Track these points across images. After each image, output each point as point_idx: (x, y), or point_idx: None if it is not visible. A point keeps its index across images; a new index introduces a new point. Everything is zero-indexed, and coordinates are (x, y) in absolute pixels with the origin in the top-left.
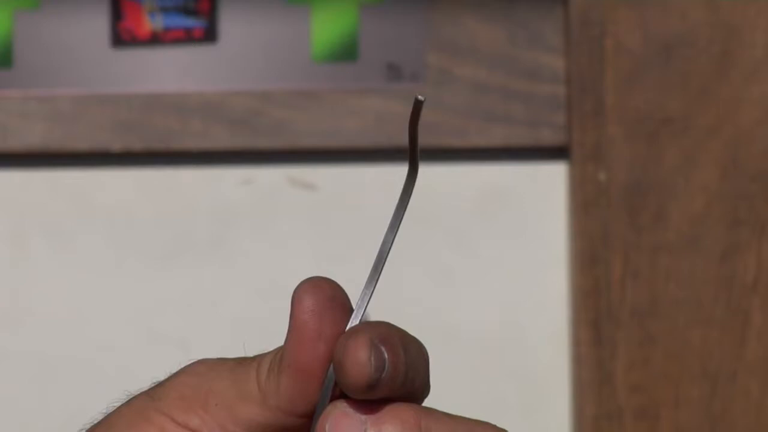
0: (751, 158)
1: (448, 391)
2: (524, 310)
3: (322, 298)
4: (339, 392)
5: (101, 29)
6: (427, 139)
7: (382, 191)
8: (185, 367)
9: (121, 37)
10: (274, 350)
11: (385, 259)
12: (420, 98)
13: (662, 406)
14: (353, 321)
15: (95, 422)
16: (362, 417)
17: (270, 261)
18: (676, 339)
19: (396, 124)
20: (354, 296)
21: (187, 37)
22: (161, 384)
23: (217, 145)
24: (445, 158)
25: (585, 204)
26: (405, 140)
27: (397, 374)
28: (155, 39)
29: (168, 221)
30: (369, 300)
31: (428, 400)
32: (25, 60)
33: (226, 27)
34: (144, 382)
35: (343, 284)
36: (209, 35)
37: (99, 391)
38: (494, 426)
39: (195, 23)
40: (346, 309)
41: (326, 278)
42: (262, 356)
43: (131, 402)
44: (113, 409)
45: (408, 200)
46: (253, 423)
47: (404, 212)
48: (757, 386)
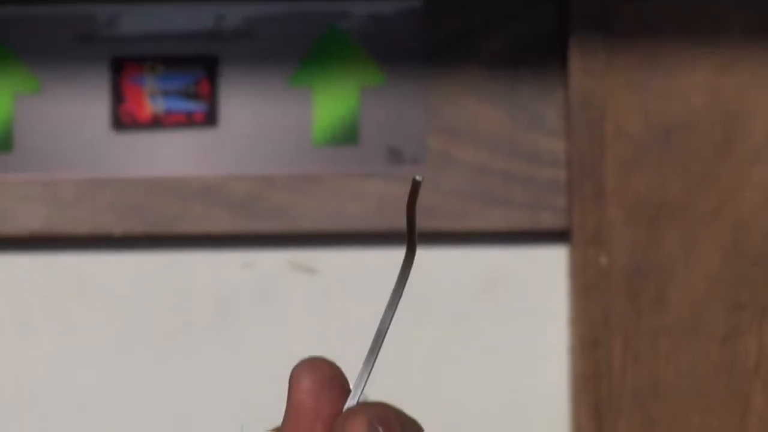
0: (752, 242)
1: None
2: (525, 394)
3: (320, 378)
4: None
5: (102, 112)
6: (427, 222)
7: (384, 275)
8: None
9: (122, 121)
10: (272, 430)
11: (383, 339)
12: (418, 179)
13: None
14: (351, 401)
15: None
16: None
17: (270, 345)
18: (678, 423)
19: (397, 208)
20: (353, 377)
21: (188, 121)
22: None
23: (218, 229)
24: (445, 241)
25: (586, 287)
26: (405, 224)
27: None
28: (156, 122)
29: (169, 305)
30: (367, 380)
31: None
32: (26, 144)
33: (227, 111)
34: None
35: (344, 366)
36: (210, 119)
37: None
38: None
39: (196, 107)
40: (344, 389)
41: (324, 358)
42: None
43: None
44: None
45: (406, 280)
46: None
47: (402, 292)
48: None
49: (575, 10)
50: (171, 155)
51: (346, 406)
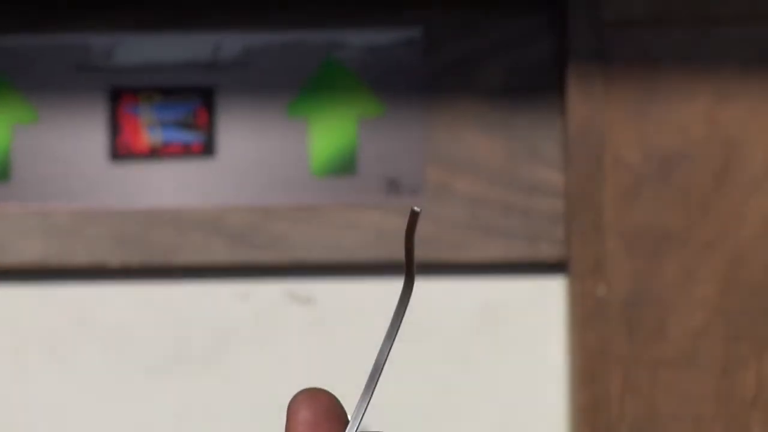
0: (751, 273)
1: None
2: (523, 424)
3: (318, 409)
4: None
5: (99, 143)
6: (426, 253)
7: (381, 305)
8: None
9: (119, 152)
10: None
11: (381, 370)
12: (416, 210)
13: None
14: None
15: None
16: None
17: (267, 375)
18: None
19: (395, 239)
20: (350, 407)
21: (186, 152)
22: None
23: (216, 260)
24: (444, 272)
25: (584, 318)
26: (403, 255)
27: None
28: (154, 153)
29: (165, 335)
30: (365, 411)
31: None
32: (24, 174)
33: (225, 141)
34: None
35: (341, 397)
36: (208, 149)
37: None
38: None
39: (194, 138)
40: (342, 420)
41: (322, 389)
42: None
43: None
44: None
45: (404, 311)
46: None
47: (400, 323)
48: None
49: (573, 41)
50: (168, 186)
51: None
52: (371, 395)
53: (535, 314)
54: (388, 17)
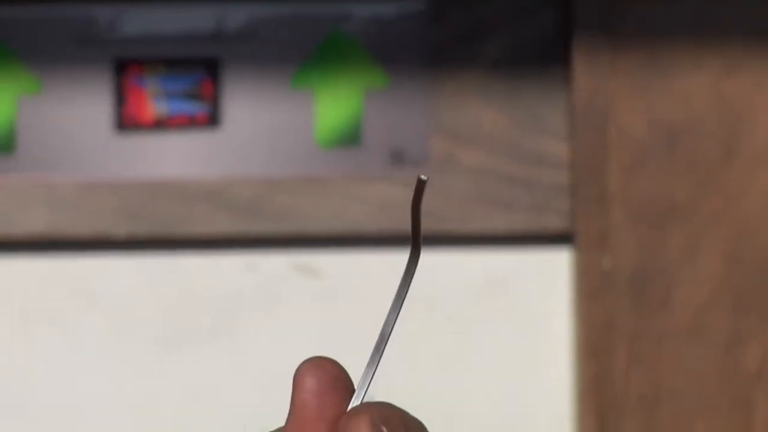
0: (757, 245)
1: None
2: (528, 399)
3: (324, 378)
4: None
5: (104, 114)
6: (430, 225)
7: (387, 277)
8: None
9: (125, 123)
10: (276, 430)
11: (387, 340)
12: (423, 178)
13: None
14: (355, 401)
15: None
16: None
17: (274, 347)
18: (681, 428)
19: (400, 210)
20: (357, 378)
21: (191, 123)
22: None
23: (221, 232)
24: (448, 244)
25: (589, 291)
26: (408, 226)
27: None
28: (159, 124)
29: (171, 308)
30: (371, 380)
31: None
32: (28, 145)
33: (230, 112)
34: None
35: (348, 367)
36: (213, 120)
37: None
38: None
39: (199, 109)
40: (348, 389)
41: (328, 358)
42: None
43: None
44: None
45: (410, 281)
46: None
47: (406, 293)
48: None
49: (578, 12)
50: (174, 157)
51: (350, 407)
52: (377, 365)
53: (540, 286)
54: None
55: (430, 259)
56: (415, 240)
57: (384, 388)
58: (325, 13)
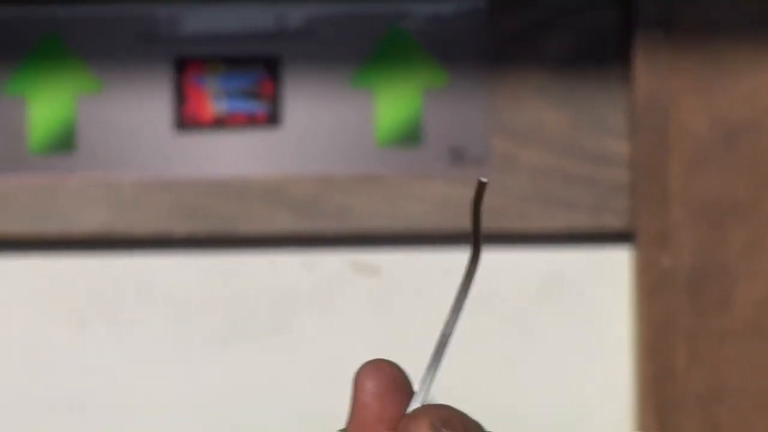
0: None
1: None
2: (588, 397)
3: (384, 381)
4: None
5: (164, 113)
6: (490, 223)
7: (445, 276)
8: None
9: (185, 122)
10: None
11: (447, 342)
12: (483, 180)
13: None
14: (415, 404)
15: None
16: None
17: (332, 346)
18: (742, 426)
19: (459, 209)
20: (417, 379)
21: (251, 121)
22: None
23: (280, 230)
24: (508, 242)
25: (649, 289)
26: (468, 224)
27: None
28: (219, 123)
29: (229, 307)
30: (431, 382)
31: None
32: (88, 144)
33: (290, 111)
34: None
35: (407, 368)
36: (273, 119)
37: None
38: None
39: (259, 107)
40: (408, 391)
41: (388, 360)
42: None
43: None
44: None
45: (471, 283)
46: None
47: (466, 295)
48: None
49: (639, 9)
50: (233, 156)
51: (410, 409)
52: (437, 368)
53: (600, 285)
54: None
55: (490, 258)
56: (476, 242)
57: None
58: (384, 12)
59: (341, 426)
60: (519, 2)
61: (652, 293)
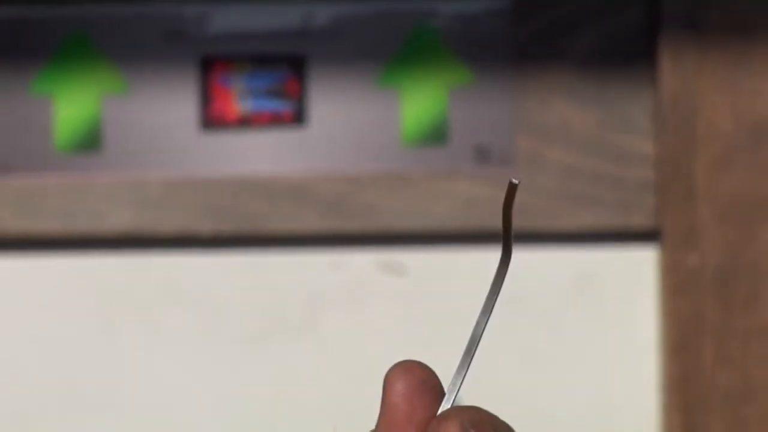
0: None
1: None
2: (615, 395)
3: (414, 382)
4: None
5: (190, 113)
6: (517, 222)
7: (472, 275)
8: None
9: (211, 121)
10: None
11: (478, 344)
12: (514, 181)
13: None
14: (445, 405)
15: None
16: None
17: (360, 346)
18: None
19: (486, 208)
20: (446, 380)
21: (277, 121)
22: None
23: (306, 229)
24: (535, 241)
25: (675, 288)
26: (494, 224)
27: None
28: (245, 122)
29: (257, 306)
30: (461, 384)
31: None
32: (114, 144)
33: (316, 110)
34: None
35: (435, 368)
36: (299, 118)
37: None
38: None
39: (284, 106)
40: (438, 393)
41: (418, 362)
42: None
43: None
44: None
45: (501, 284)
46: None
47: (497, 296)
48: None
49: (665, 8)
50: (259, 155)
51: (440, 410)
52: (467, 368)
53: (627, 284)
54: None
55: (517, 257)
56: (506, 243)
57: (471, 389)
58: (410, 11)
59: (371, 426)
60: (545, 1)
61: (679, 292)
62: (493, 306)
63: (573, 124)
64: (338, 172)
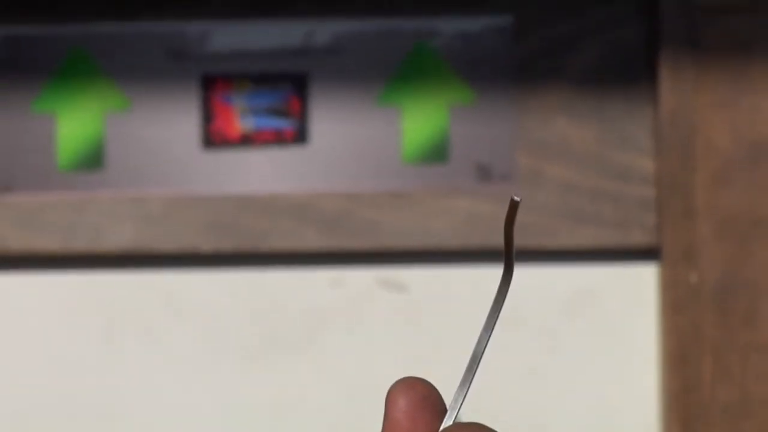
0: None
1: None
2: (615, 410)
3: (416, 398)
4: None
5: (192, 131)
6: (517, 239)
7: (473, 292)
8: None
9: (212, 139)
10: None
11: (479, 360)
12: (516, 199)
13: None
14: (447, 421)
15: None
16: None
17: (360, 362)
18: None
19: (486, 225)
20: (447, 397)
21: (278, 139)
22: None
23: (308, 246)
24: (535, 258)
25: (675, 305)
26: (495, 241)
27: None
28: (246, 140)
29: (257, 322)
30: (463, 401)
31: None
32: (116, 161)
33: (317, 128)
34: None
35: (435, 385)
36: (300, 136)
37: None
38: None
39: (286, 125)
40: (440, 409)
41: (420, 378)
42: None
43: None
44: None
45: (503, 301)
46: None
47: (499, 313)
48: None
49: (664, 26)
50: (260, 173)
51: (442, 427)
52: (469, 385)
53: (627, 301)
54: (478, 4)
55: (517, 274)
56: (508, 261)
57: (472, 403)
58: (411, 29)
59: None
60: (544, 20)
61: (678, 308)
62: (495, 322)
63: (573, 142)
64: (339, 190)
